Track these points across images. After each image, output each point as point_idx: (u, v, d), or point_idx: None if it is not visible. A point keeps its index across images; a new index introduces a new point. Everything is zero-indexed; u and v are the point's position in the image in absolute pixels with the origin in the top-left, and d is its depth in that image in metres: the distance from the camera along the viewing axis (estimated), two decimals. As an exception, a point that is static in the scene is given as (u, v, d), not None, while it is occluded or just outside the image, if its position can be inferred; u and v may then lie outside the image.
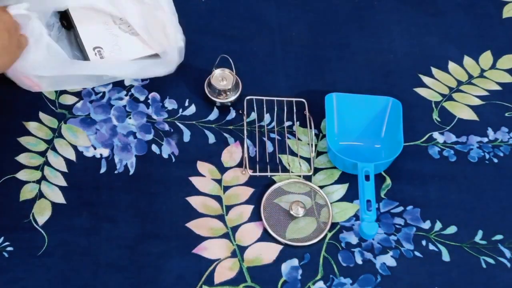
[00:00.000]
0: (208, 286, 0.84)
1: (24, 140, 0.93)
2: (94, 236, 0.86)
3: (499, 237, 0.90)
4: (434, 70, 1.06)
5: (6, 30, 0.84)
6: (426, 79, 1.05)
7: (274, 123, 0.98)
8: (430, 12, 1.13)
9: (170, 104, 0.99)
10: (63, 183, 0.90)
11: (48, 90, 0.97)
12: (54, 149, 0.93)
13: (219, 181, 0.92)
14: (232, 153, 0.95)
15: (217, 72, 0.98)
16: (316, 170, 0.94)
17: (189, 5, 1.10)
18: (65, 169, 0.91)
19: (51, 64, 0.92)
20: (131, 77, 0.99)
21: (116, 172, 0.91)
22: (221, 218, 0.89)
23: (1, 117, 0.95)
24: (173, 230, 0.88)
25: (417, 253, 0.88)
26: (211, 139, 0.96)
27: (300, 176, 0.93)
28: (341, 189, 0.93)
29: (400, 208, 0.92)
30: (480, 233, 0.90)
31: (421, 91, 1.03)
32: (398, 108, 0.96)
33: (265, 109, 0.99)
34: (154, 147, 0.94)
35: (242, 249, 0.87)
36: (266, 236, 0.88)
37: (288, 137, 0.97)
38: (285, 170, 0.94)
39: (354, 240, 0.89)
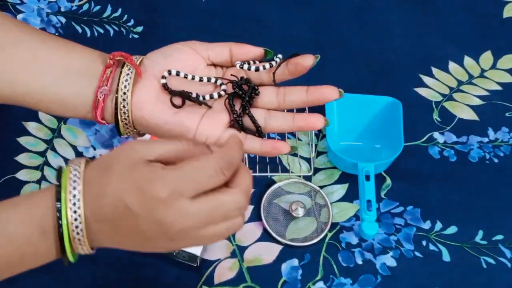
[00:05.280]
0: (208, 286, 0.84)
1: (23, 140, 0.93)
2: (93, 236, 0.86)
3: (499, 237, 0.90)
4: (434, 70, 1.06)
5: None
6: (426, 79, 1.04)
7: (274, 123, 0.98)
8: (430, 12, 1.13)
9: (170, 104, 0.99)
10: (63, 183, 0.90)
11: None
12: (53, 149, 0.93)
13: (219, 181, 0.92)
14: (232, 153, 0.95)
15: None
16: (316, 170, 0.94)
17: (189, 5, 1.10)
18: (65, 169, 0.91)
19: None
20: None
21: (116, 172, 0.91)
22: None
23: (1, 117, 0.95)
24: (173, 230, 0.87)
25: (417, 253, 0.88)
26: (211, 139, 0.96)
27: (300, 176, 0.93)
28: (341, 189, 0.93)
29: (400, 208, 0.92)
30: (480, 233, 0.90)
31: (421, 91, 1.03)
32: (398, 108, 0.95)
33: (265, 109, 0.99)
34: (154, 147, 0.94)
35: (242, 249, 0.87)
36: (266, 236, 0.88)
37: (288, 137, 0.97)
38: (285, 170, 0.94)
39: (354, 240, 0.89)
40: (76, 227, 0.53)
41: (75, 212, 0.53)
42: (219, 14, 1.10)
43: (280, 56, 0.65)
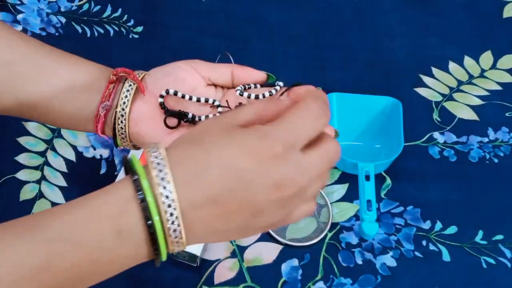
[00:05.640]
0: (208, 286, 0.84)
1: (23, 140, 0.93)
2: (94, 236, 0.86)
3: (499, 237, 0.90)
4: (434, 70, 1.06)
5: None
6: (426, 79, 1.04)
7: (274, 123, 0.98)
8: (430, 12, 1.13)
9: (170, 104, 0.99)
10: (63, 183, 0.90)
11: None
12: (53, 149, 0.93)
13: (219, 181, 0.92)
14: (232, 153, 0.95)
15: (217, 71, 0.98)
16: (316, 170, 0.94)
17: (189, 5, 1.10)
18: (65, 169, 0.91)
19: None
20: None
21: (116, 173, 0.91)
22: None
23: (1, 117, 0.95)
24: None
25: (417, 253, 0.88)
26: (211, 139, 0.96)
27: (300, 176, 0.93)
28: (341, 189, 0.93)
29: (400, 208, 0.92)
30: (480, 233, 0.90)
31: (421, 91, 1.03)
32: (398, 108, 0.95)
33: (265, 109, 0.99)
34: (154, 147, 0.94)
35: (242, 249, 0.87)
36: (266, 236, 0.88)
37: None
38: (285, 170, 0.94)
39: (354, 240, 0.89)
40: (171, 215, 0.45)
41: (169, 206, 0.45)
42: (219, 14, 1.10)
43: (281, 83, 0.65)
